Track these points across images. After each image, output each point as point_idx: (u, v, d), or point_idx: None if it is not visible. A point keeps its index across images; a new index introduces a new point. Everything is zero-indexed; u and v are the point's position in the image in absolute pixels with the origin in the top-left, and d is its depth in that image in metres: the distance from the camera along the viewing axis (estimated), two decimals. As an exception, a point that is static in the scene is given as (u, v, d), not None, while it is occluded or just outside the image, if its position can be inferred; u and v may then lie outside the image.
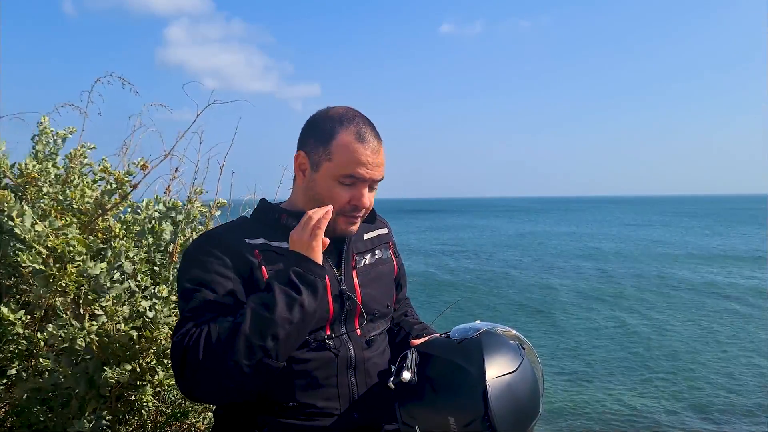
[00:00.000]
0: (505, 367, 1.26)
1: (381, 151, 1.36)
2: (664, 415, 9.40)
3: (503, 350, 1.29)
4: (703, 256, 29.66)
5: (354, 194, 1.34)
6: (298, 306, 1.19)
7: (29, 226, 1.79)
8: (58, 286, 1.78)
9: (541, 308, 17.68)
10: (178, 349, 1.17)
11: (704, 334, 14.41)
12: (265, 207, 1.45)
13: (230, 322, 1.17)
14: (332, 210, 1.31)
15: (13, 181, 2.13)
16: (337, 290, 1.37)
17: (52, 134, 2.25)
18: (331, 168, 1.33)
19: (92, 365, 1.88)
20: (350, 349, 1.37)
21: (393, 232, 1.66)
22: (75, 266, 1.79)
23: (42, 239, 1.80)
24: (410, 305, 1.76)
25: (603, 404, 9.80)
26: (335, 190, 1.34)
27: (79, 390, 1.90)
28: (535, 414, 1.28)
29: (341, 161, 1.32)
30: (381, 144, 1.37)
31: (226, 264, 1.27)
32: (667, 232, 47.86)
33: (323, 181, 1.35)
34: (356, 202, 1.35)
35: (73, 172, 2.29)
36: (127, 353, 1.98)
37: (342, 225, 1.37)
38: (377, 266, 1.50)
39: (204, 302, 1.23)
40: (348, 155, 1.32)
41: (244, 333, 1.14)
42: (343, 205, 1.35)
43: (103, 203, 2.23)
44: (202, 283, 1.25)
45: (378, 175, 1.36)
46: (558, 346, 13.31)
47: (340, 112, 1.37)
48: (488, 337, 1.32)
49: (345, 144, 1.32)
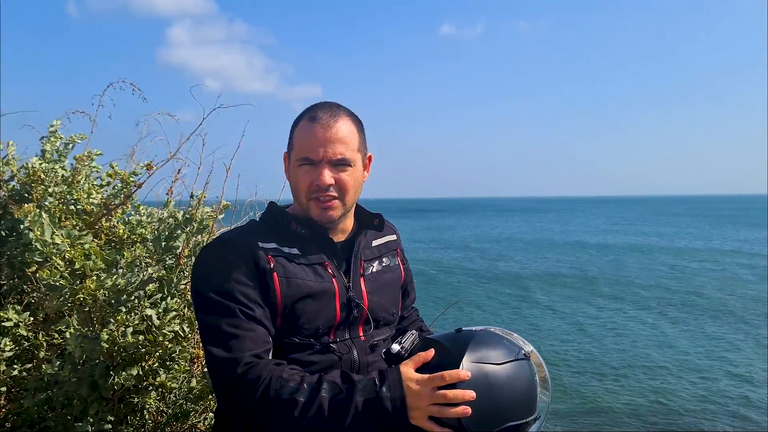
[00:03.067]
0: (488, 357, 1.24)
1: (336, 126, 1.33)
2: (663, 416, 9.43)
3: (493, 345, 1.27)
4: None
5: (314, 175, 1.34)
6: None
7: (49, 238, 1.79)
8: (76, 300, 1.79)
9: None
10: (247, 385, 1.18)
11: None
12: (275, 212, 1.44)
13: (310, 397, 1.16)
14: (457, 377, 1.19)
15: (20, 180, 2.14)
16: (345, 298, 1.37)
17: (60, 137, 2.26)
18: (293, 155, 1.37)
19: (98, 370, 1.89)
20: (354, 353, 1.37)
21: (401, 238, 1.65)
22: (93, 281, 1.79)
23: (60, 252, 1.80)
24: (422, 319, 1.76)
25: (609, 402, 9.83)
26: (299, 175, 1.35)
27: (82, 393, 1.91)
28: (516, 419, 1.22)
29: (298, 146, 1.35)
30: (338, 120, 1.34)
31: (244, 271, 1.28)
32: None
33: (292, 171, 1.38)
34: (317, 182, 1.33)
35: (80, 173, 2.29)
36: (132, 357, 1.99)
37: (314, 210, 1.37)
38: (384, 274, 1.50)
39: (238, 315, 1.24)
40: (301, 138, 1.35)
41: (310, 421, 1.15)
42: (308, 188, 1.35)
43: (107, 203, 2.24)
44: (228, 293, 1.25)
45: (334, 152, 1.33)
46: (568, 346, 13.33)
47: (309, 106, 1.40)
48: (486, 333, 1.31)
49: (300, 129, 1.36)
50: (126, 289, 1.87)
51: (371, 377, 1.19)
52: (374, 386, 1.17)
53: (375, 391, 1.16)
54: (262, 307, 1.27)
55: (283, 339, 1.31)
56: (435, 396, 1.14)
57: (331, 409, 1.14)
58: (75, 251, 1.80)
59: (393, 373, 1.19)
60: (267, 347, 1.26)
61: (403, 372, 1.19)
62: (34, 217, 1.80)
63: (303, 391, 1.16)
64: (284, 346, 1.31)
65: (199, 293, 1.29)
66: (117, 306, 1.87)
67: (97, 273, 1.82)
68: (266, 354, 1.25)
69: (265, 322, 1.27)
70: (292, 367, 1.25)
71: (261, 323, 1.26)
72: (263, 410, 1.17)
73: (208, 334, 1.26)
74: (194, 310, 1.46)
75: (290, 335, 1.31)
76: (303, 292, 1.31)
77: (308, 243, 1.38)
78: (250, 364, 1.20)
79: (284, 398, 1.16)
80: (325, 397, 1.15)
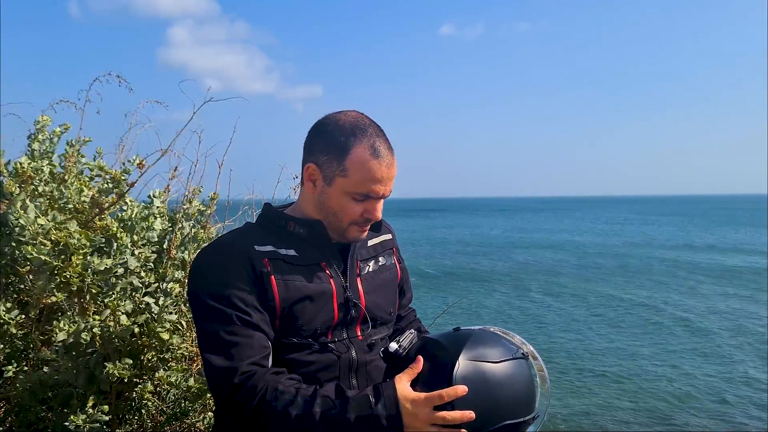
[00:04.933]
0: (485, 355, 1.24)
1: (394, 163, 1.36)
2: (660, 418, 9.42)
3: (491, 344, 1.27)
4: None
5: (367, 208, 1.35)
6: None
7: (33, 218, 1.77)
8: (62, 278, 1.77)
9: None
10: (243, 395, 1.19)
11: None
12: (271, 213, 1.44)
13: (303, 410, 1.17)
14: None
15: (8, 180, 2.12)
16: (343, 297, 1.37)
17: (48, 132, 2.24)
18: (346, 184, 1.32)
19: (94, 360, 1.88)
20: (352, 352, 1.37)
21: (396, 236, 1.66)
22: (79, 259, 1.77)
23: (45, 232, 1.79)
24: (419, 320, 1.76)
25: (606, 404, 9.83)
26: (349, 205, 1.34)
27: (79, 385, 1.89)
28: (512, 417, 1.22)
29: (356, 178, 1.31)
30: (394, 155, 1.36)
31: (241, 275, 1.27)
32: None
33: (336, 195, 1.34)
34: (369, 216, 1.36)
35: (70, 171, 2.27)
36: (128, 348, 1.98)
37: (353, 233, 1.39)
38: (381, 273, 1.50)
39: (235, 322, 1.23)
40: (363, 173, 1.31)
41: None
42: (356, 218, 1.36)
43: (100, 202, 2.22)
44: (225, 299, 1.25)
45: (390, 189, 1.37)
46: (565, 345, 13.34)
47: (351, 122, 1.35)
48: (484, 332, 1.31)
49: (360, 161, 1.31)
50: (114, 271, 1.85)
51: (365, 393, 1.19)
52: (368, 402, 1.17)
53: (369, 408, 1.16)
54: (260, 312, 1.26)
55: (281, 340, 1.30)
56: (434, 418, 1.15)
57: (323, 424, 1.15)
58: (60, 233, 1.79)
59: (388, 389, 1.19)
60: (265, 353, 1.26)
61: (399, 390, 1.18)
62: (17, 194, 1.81)
63: (297, 405, 1.17)
64: (283, 346, 1.31)
65: (197, 298, 1.29)
66: (107, 290, 1.85)
67: (84, 253, 1.80)
68: (265, 360, 1.25)
69: (263, 327, 1.26)
70: (291, 377, 1.25)
71: (259, 328, 1.25)
72: (258, 420, 1.19)
73: (205, 341, 1.26)
74: (192, 314, 1.46)
75: (289, 336, 1.31)
76: (301, 294, 1.31)
77: (305, 244, 1.38)
78: (247, 373, 1.20)
79: (278, 410, 1.17)
80: (318, 412, 1.16)
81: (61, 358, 1.86)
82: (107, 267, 1.80)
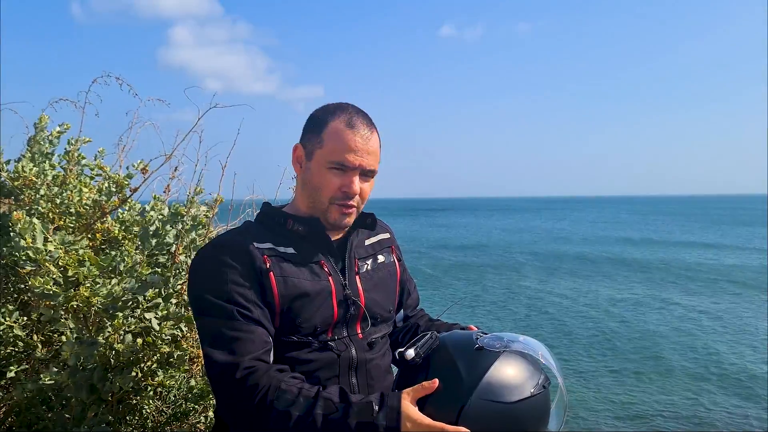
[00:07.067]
0: (502, 394, 1.19)
1: (372, 139, 1.38)
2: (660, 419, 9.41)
3: (512, 376, 1.21)
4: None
5: (344, 181, 1.35)
6: None
7: (41, 245, 1.75)
8: (69, 307, 1.77)
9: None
10: (245, 391, 1.18)
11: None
12: (270, 211, 1.45)
13: (305, 412, 1.17)
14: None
15: (9, 183, 2.12)
16: (342, 295, 1.37)
17: (47, 133, 2.23)
18: (323, 154, 1.35)
19: (96, 374, 1.87)
20: (352, 351, 1.37)
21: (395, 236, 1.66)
22: (87, 288, 1.77)
23: (54, 259, 1.77)
24: (429, 315, 1.74)
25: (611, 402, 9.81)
26: (326, 177, 1.35)
27: (81, 396, 1.89)
28: None
29: (331, 147, 1.34)
30: (373, 132, 1.38)
31: (241, 272, 1.28)
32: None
33: (316, 168, 1.37)
34: (346, 189, 1.36)
35: (71, 174, 2.27)
36: (130, 359, 1.98)
37: (334, 214, 1.38)
38: (379, 271, 1.50)
39: (237, 317, 1.24)
40: (338, 141, 1.34)
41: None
42: (334, 192, 1.36)
43: (102, 206, 2.22)
44: (226, 295, 1.25)
45: (368, 163, 1.37)
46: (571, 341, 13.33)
47: (335, 104, 1.41)
48: (509, 357, 1.24)
49: (335, 130, 1.35)
50: (122, 297, 1.84)
51: (369, 400, 1.19)
52: (371, 410, 1.17)
53: (371, 415, 1.16)
54: (260, 308, 1.27)
55: (281, 338, 1.30)
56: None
57: (324, 427, 1.15)
58: (69, 257, 1.78)
59: (393, 401, 1.19)
60: (267, 348, 1.26)
61: (404, 405, 1.18)
62: (25, 225, 1.77)
63: (298, 405, 1.17)
64: (282, 344, 1.31)
65: (197, 296, 1.29)
66: (113, 312, 1.85)
67: (92, 280, 1.79)
68: (266, 355, 1.25)
69: (264, 323, 1.27)
70: (294, 376, 1.25)
71: (260, 324, 1.26)
72: (258, 418, 1.18)
73: (206, 336, 1.26)
74: (192, 313, 1.46)
75: (289, 334, 1.31)
76: (300, 292, 1.31)
77: (304, 242, 1.38)
78: (249, 369, 1.20)
79: (279, 410, 1.17)
80: (320, 414, 1.16)
81: (64, 379, 1.86)
82: (115, 295, 1.79)
